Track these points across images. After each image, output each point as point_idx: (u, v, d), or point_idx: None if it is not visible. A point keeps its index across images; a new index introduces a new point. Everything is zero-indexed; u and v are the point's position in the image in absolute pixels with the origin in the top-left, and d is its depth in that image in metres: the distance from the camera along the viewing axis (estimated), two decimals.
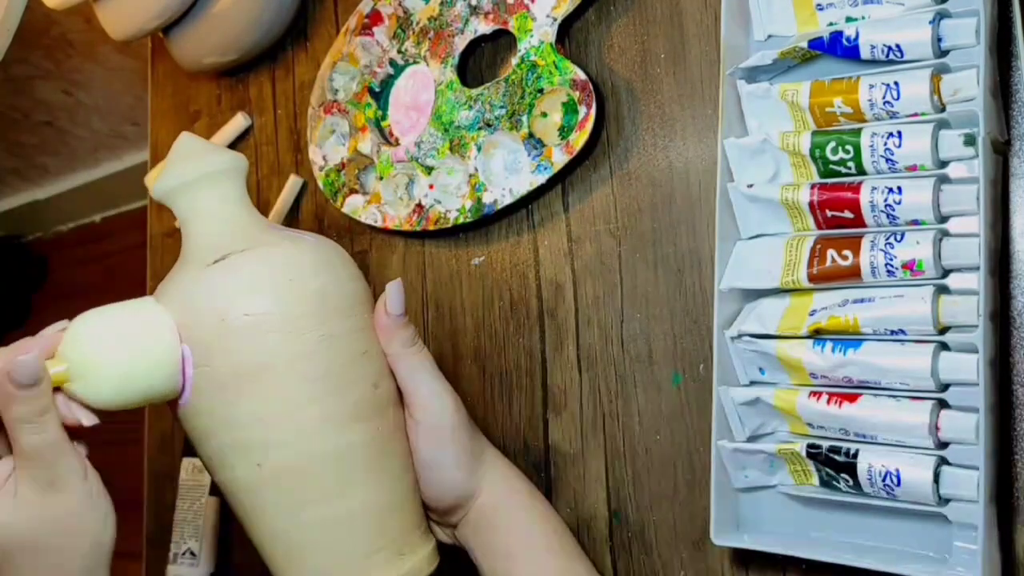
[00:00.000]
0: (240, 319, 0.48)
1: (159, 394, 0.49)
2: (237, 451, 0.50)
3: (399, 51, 0.72)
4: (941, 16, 0.47)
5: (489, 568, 0.56)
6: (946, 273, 0.47)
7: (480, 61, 0.70)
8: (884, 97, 0.48)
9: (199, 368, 0.49)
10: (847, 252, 0.48)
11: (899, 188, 0.47)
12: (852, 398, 0.48)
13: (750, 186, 0.52)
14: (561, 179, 0.65)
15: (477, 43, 0.69)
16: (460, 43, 0.68)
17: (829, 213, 0.50)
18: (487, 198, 0.65)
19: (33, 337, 0.49)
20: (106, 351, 0.48)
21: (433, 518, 0.57)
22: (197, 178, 0.52)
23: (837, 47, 0.50)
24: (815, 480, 0.50)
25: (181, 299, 0.50)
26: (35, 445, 0.47)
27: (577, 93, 0.62)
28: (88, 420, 0.48)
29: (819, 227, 0.51)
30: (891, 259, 0.47)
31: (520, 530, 0.57)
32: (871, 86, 0.48)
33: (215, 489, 0.82)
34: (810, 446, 0.49)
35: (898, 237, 0.47)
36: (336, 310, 0.51)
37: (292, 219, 0.81)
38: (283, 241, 0.52)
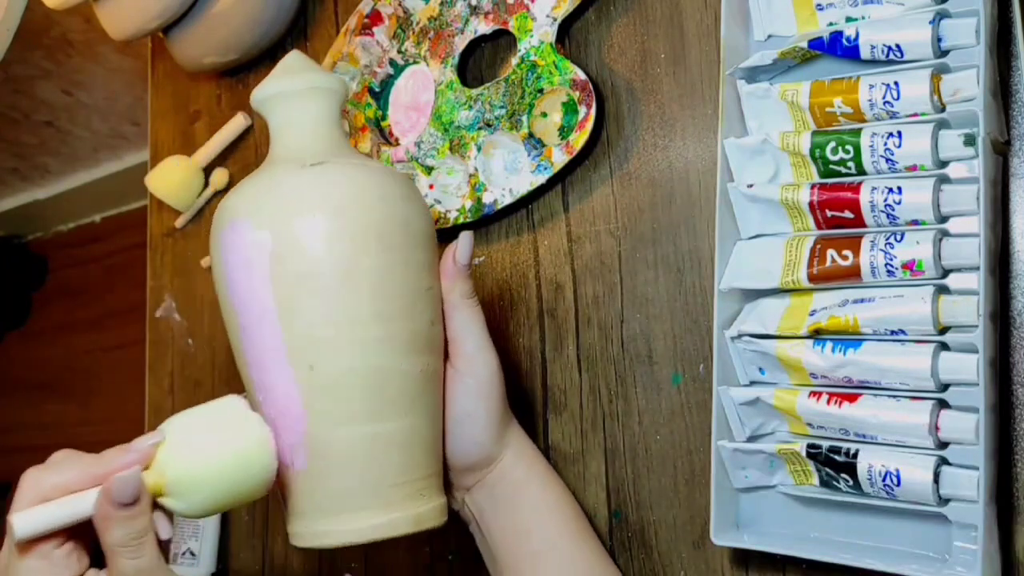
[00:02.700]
0: (330, 221, 0.49)
1: (250, 499, 0.49)
2: (294, 348, 0.50)
3: (399, 51, 0.72)
4: (941, 16, 0.47)
5: (498, 539, 0.56)
6: (946, 273, 0.47)
7: (480, 61, 0.70)
8: (884, 97, 0.48)
9: (275, 257, 0.49)
10: (847, 252, 0.48)
11: (899, 188, 0.47)
12: (852, 398, 0.48)
13: (750, 186, 0.52)
14: (561, 179, 0.65)
15: (477, 43, 0.69)
16: (460, 43, 0.68)
17: (829, 213, 0.50)
18: (487, 198, 0.65)
19: (124, 447, 0.47)
20: (209, 468, 0.47)
21: (449, 478, 0.56)
22: (300, 90, 0.53)
23: (837, 47, 0.50)
24: (815, 480, 0.50)
25: (273, 192, 0.51)
26: (134, 570, 0.45)
27: (577, 93, 0.62)
28: (166, 533, 0.47)
29: (819, 227, 0.51)
30: (891, 259, 0.47)
31: (537, 505, 0.56)
32: (871, 86, 0.48)
33: None
34: (810, 446, 0.49)
35: (898, 237, 0.47)
36: (416, 240, 0.52)
37: None
38: (376, 163, 0.54)
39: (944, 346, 0.46)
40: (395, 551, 0.71)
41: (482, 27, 0.67)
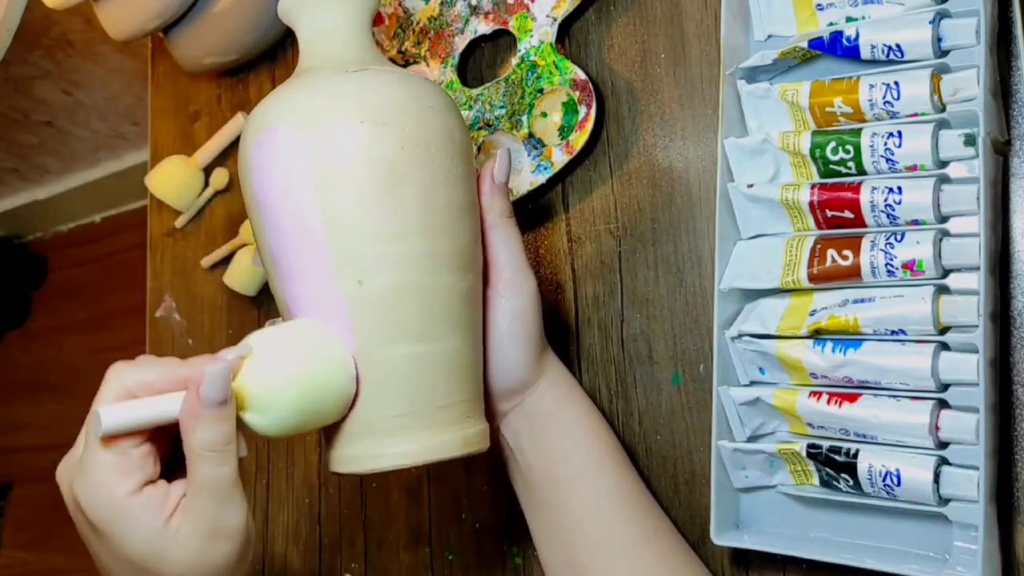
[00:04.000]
0: (380, 129, 0.47)
1: (326, 421, 0.48)
2: (342, 263, 0.48)
3: (399, 51, 0.72)
4: (941, 16, 0.47)
5: (535, 465, 0.55)
6: (946, 273, 0.47)
7: (480, 61, 0.70)
8: (884, 97, 0.48)
9: (319, 166, 0.47)
10: (847, 252, 0.48)
11: (899, 188, 0.47)
12: (852, 398, 0.48)
13: (750, 186, 0.52)
14: (561, 179, 0.65)
15: (477, 43, 0.69)
16: (460, 43, 0.69)
17: (829, 213, 0.50)
18: None
19: (211, 356, 0.46)
20: (292, 388, 0.46)
21: (487, 405, 0.55)
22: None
23: (837, 47, 0.50)
24: (815, 480, 0.50)
25: (317, 98, 0.48)
26: (213, 479, 0.44)
27: (577, 93, 0.62)
28: (243, 451, 0.46)
29: (819, 227, 0.51)
30: (891, 259, 0.47)
31: (575, 429, 0.55)
32: (871, 86, 0.48)
33: None
34: (810, 446, 0.49)
35: (898, 237, 0.47)
36: (459, 153, 0.50)
37: None
38: (414, 73, 0.51)
39: (944, 346, 0.46)
40: (395, 551, 0.71)
41: (482, 27, 0.67)
